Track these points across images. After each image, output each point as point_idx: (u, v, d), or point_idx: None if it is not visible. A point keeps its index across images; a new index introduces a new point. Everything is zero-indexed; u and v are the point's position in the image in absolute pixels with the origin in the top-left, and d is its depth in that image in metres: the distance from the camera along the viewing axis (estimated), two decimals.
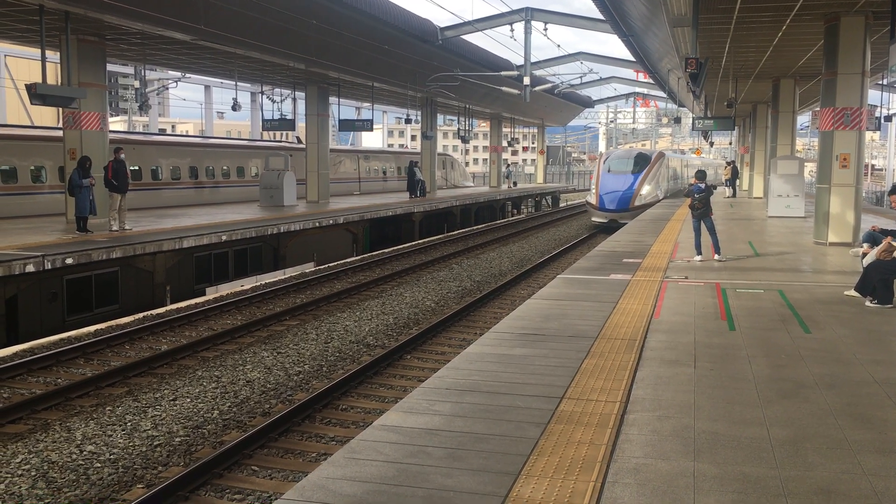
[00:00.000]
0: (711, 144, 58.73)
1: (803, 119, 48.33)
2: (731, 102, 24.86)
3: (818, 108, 19.90)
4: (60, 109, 22.14)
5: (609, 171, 32.12)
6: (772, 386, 6.29)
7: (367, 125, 31.40)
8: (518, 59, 31.71)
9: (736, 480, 4.46)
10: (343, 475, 4.54)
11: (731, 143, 57.30)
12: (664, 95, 45.23)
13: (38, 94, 15.56)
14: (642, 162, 32.48)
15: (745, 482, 4.44)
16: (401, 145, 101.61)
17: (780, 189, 23.29)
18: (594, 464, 4.69)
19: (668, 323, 8.66)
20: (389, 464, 4.71)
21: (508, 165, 54.18)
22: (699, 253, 13.89)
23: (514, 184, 52.49)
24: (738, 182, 36.70)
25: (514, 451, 4.90)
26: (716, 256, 13.76)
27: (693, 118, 31.75)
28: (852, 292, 10.22)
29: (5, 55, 37.91)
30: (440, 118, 49.23)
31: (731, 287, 11.02)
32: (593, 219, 31.84)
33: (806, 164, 27.48)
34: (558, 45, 34.47)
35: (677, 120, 46.02)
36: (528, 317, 9.02)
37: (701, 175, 14.24)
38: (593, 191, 31.95)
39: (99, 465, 7.34)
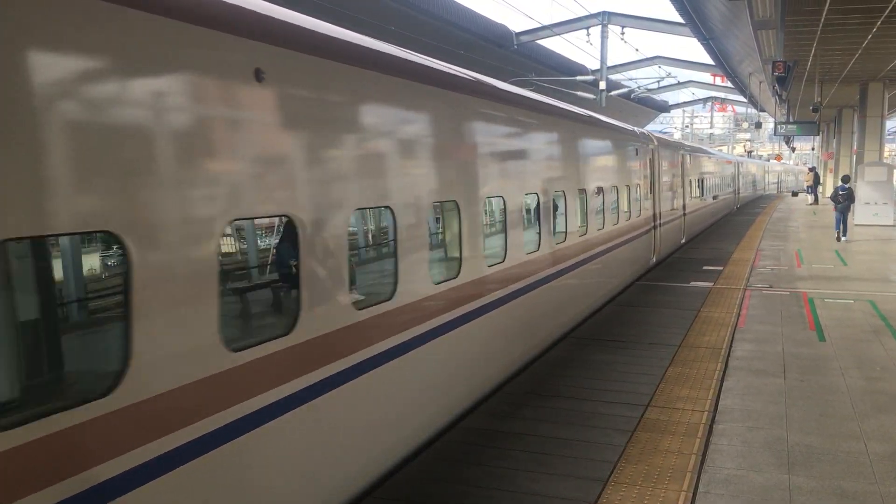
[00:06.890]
0: (793, 150, 57.04)
1: (891, 124, 46.59)
2: (816, 107, 24.04)
3: None
4: None
5: None
6: (867, 399, 6.08)
7: None
8: (593, 63, 31.49)
9: (834, 495, 4.33)
10: (432, 475, 4.58)
11: (812, 149, 55.58)
12: (743, 100, 44.14)
13: None
14: None
15: (843, 497, 4.31)
16: None
17: (868, 196, 22.48)
18: (684, 473, 4.62)
19: (754, 332, 8.45)
20: (477, 466, 4.72)
21: None
22: (843, 235, 18.15)
23: None
24: (819, 188, 35.39)
25: (600, 457, 4.86)
26: (843, 238, 18.03)
27: (775, 123, 30.93)
28: None
29: None
30: None
31: (818, 297, 10.68)
32: None
33: (894, 170, 26.40)
34: (636, 49, 33.97)
35: (758, 125, 44.82)
36: (607, 322, 8.93)
37: (846, 178, 20.46)
38: None
39: None
